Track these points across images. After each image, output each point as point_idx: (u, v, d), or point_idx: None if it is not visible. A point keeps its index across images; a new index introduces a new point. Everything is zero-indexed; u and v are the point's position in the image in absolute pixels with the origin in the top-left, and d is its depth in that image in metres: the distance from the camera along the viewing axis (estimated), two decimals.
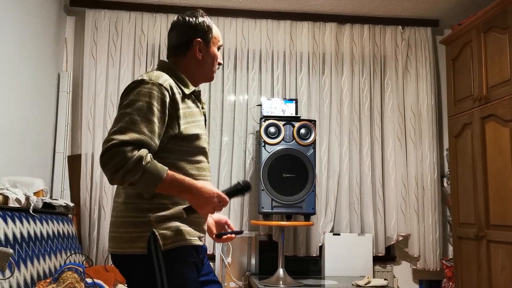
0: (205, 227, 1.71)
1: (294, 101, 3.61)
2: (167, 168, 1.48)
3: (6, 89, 2.76)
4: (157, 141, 1.52)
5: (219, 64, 1.81)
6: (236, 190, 1.64)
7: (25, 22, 3.00)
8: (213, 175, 3.55)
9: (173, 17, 3.98)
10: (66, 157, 3.57)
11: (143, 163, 1.43)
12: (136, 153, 1.43)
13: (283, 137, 3.39)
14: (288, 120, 3.44)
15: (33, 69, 3.14)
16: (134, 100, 1.51)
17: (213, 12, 3.77)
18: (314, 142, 3.43)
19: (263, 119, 3.42)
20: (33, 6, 3.12)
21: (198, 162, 1.64)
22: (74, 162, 3.60)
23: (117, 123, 1.49)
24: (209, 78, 1.80)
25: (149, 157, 1.46)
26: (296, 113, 3.58)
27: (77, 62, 3.76)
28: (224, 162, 3.68)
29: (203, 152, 1.67)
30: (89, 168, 3.54)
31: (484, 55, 3.07)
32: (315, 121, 3.50)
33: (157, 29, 3.76)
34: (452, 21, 3.93)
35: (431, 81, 3.90)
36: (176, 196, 1.56)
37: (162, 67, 1.71)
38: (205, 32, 1.74)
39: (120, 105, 1.55)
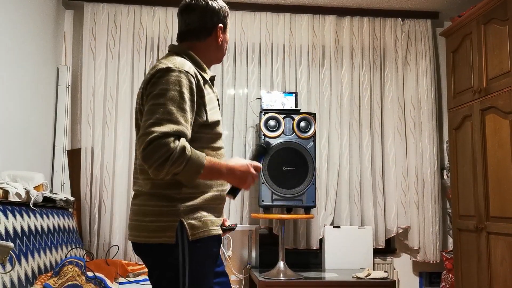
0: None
1: (293, 94, 3.60)
2: (205, 154, 1.50)
3: (5, 84, 2.75)
4: (190, 130, 1.52)
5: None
6: (260, 153, 1.69)
7: (24, 16, 2.99)
8: None
9: (172, 10, 3.99)
10: (66, 151, 3.57)
11: (187, 152, 1.44)
12: (178, 144, 1.43)
13: (283, 130, 3.39)
14: (288, 113, 3.44)
15: (32, 63, 3.13)
16: (165, 90, 1.49)
17: None
18: (314, 135, 3.43)
19: (263, 112, 3.42)
20: (31, 0, 3.11)
21: (219, 148, 1.66)
22: (74, 156, 3.60)
23: (152, 114, 1.46)
24: (219, 61, 1.80)
25: (189, 146, 1.46)
26: (296, 106, 3.58)
27: (76, 56, 3.75)
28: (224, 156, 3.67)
29: (221, 138, 1.69)
30: (89, 162, 3.54)
31: (484, 47, 3.06)
32: (315, 114, 3.50)
33: (156, 23, 3.75)
34: (452, 13, 3.91)
35: (431, 73, 3.89)
36: (203, 185, 1.57)
37: (178, 52, 1.67)
38: (225, 17, 1.73)
39: (148, 94, 1.52)
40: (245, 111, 3.77)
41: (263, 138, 3.37)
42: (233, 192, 1.62)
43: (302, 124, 3.42)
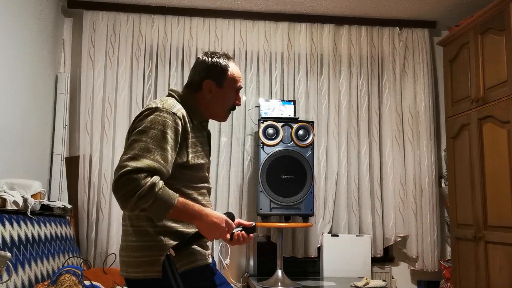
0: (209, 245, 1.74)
1: (292, 103, 3.61)
2: (177, 195, 1.50)
3: (4, 91, 2.75)
4: (169, 169, 1.53)
5: (237, 105, 1.80)
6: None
7: (23, 23, 2.99)
8: (212, 176, 3.54)
9: (171, 19, 4.00)
10: (64, 159, 3.56)
11: (156, 189, 1.44)
12: (149, 180, 1.44)
13: (281, 138, 3.39)
14: (286, 121, 3.44)
15: (30, 70, 3.13)
16: (148, 128, 1.52)
17: (210, 13, 3.77)
18: (312, 143, 3.43)
19: (261, 121, 3.42)
20: (31, 8, 3.12)
21: (201, 188, 1.67)
22: (72, 163, 3.59)
23: (131, 149, 1.49)
24: (220, 118, 1.80)
25: (161, 183, 1.47)
26: (294, 114, 3.59)
27: (75, 64, 3.75)
28: (222, 164, 3.68)
29: (205, 179, 1.70)
30: (87, 170, 3.53)
31: (481, 56, 3.08)
32: (313, 122, 3.51)
33: (155, 31, 3.76)
34: (449, 23, 3.94)
35: (428, 82, 3.91)
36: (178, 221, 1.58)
37: (174, 95, 1.71)
38: (218, 73, 1.73)
39: (133, 130, 1.56)
40: (244, 119, 3.77)
41: (261, 146, 3.37)
42: (179, 247, 1.54)
43: (301, 132, 3.43)
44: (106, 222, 3.49)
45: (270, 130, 3.40)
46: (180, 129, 1.57)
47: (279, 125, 3.41)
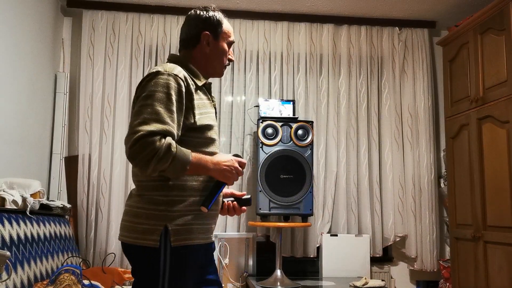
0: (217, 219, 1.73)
1: (291, 102, 3.61)
2: (190, 151, 1.52)
3: (3, 90, 2.75)
4: (178, 131, 1.54)
5: (230, 60, 1.80)
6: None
7: (22, 23, 2.99)
8: None
9: (170, 18, 4.01)
10: (63, 158, 3.56)
11: (172, 149, 1.46)
12: (164, 142, 1.45)
13: (281, 138, 3.39)
14: (286, 121, 3.44)
15: (30, 70, 3.13)
16: (153, 91, 1.52)
17: None
18: (311, 143, 3.43)
19: (261, 120, 3.42)
20: (30, 7, 3.11)
21: (212, 153, 1.65)
22: (71, 163, 3.59)
23: (139, 114, 1.49)
24: (218, 73, 1.80)
25: (175, 144, 1.49)
26: (294, 114, 3.59)
27: (74, 63, 3.75)
28: None
29: (214, 143, 1.69)
30: (86, 169, 3.53)
31: (481, 56, 3.08)
32: (312, 122, 3.51)
33: (154, 30, 3.76)
34: (449, 23, 3.94)
35: (428, 82, 3.91)
36: (191, 189, 1.57)
37: (173, 60, 1.72)
38: (214, 25, 1.74)
39: (138, 97, 1.56)
40: (243, 119, 3.77)
41: (260, 146, 3.37)
42: (206, 201, 1.58)
43: (300, 132, 3.43)
44: (105, 221, 3.49)
45: (269, 130, 3.40)
46: (183, 90, 1.57)
47: (278, 125, 3.41)
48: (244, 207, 1.75)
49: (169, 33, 3.76)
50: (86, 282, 2.53)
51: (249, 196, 1.74)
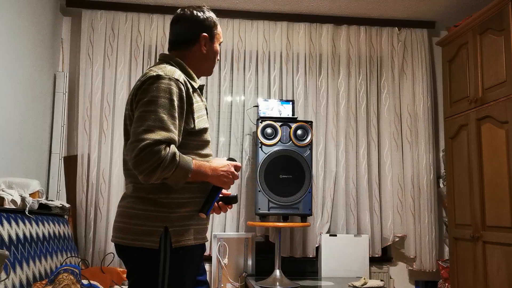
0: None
1: (290, 102, 3.61)
2: (191, 158, 1.54)
3: (2, 90, 2.75)
4: (179, 136, 1.55)
5: (218, 59, 1.84)
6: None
7: (21, 22, 2.99)
8: None
9: (170, 18, 3.98)
10: (62, 158, 3.56)
11: (177, 159, 1.48)
12: (169, 151, 1.46)
13: (280, 138, 3.40)
14: (285, 121, 3.44)
15: (29, 69, 3.13)
16: (155, 97, 1.52)
17: None
18: (310, 143, 3.43)
19: (260, 120, 3.42)
20: (29, 7, 3.11)
21: (207, 155, 1.68)
22: (70, 163, 3.59)
23: (143, 120, 1.49)
24: (209, 72, 1.83)
25: (178, 152, 1.50)
26: (293, 114, 3.59)
27: (73, 63, 3.75)
28: None
29: (209, 145, 1.71)
30: (85, 169, 3.53)
31: (480, 56, 3.08)
32: (311, 122, 3.51)
33: (153, 30, 3.76)
34: (448, 23, 3.94)
35: (427, 82, 3.91)
36: (190, 191, 1.59)
37: (168, 60, 1.70)
38: (211, 27, 1.76)
39: (139, 101, 1.54)
40: (242, 119, 3.77)
41: (260, 146, 3.37)
42: (205, 206, 1.61)
43: (299, 132, 3.43)
44: (104, 221, 3.49)
45: (269, 130, 3.40)
46: (184, 94, 1.57)
47: (277, 125, 3.41)
48: (230, 205, 1.77)
49: (169, 33, 3.75)
50: (85, 282, 2.52)
51: (235, 194, 1.77)
